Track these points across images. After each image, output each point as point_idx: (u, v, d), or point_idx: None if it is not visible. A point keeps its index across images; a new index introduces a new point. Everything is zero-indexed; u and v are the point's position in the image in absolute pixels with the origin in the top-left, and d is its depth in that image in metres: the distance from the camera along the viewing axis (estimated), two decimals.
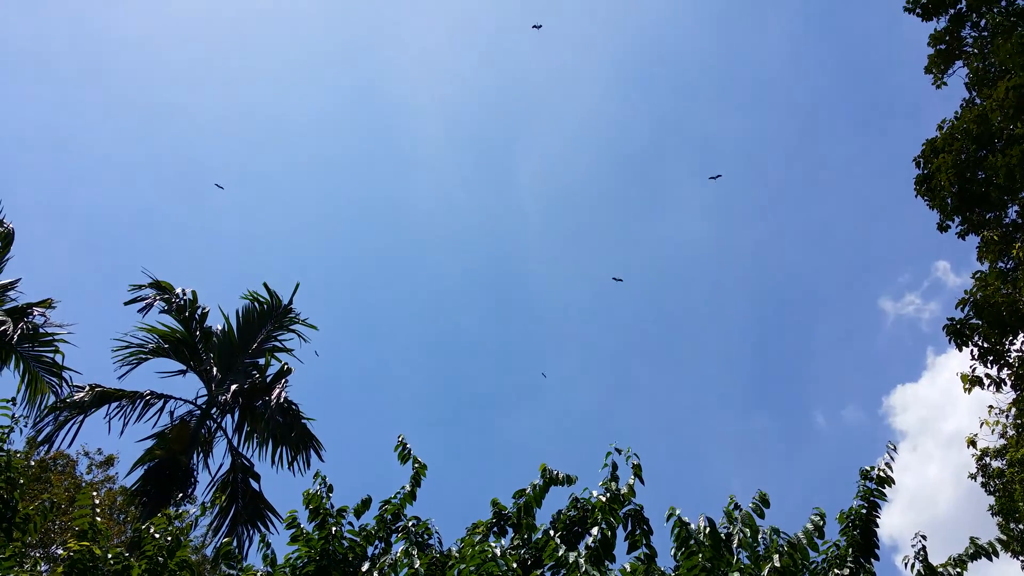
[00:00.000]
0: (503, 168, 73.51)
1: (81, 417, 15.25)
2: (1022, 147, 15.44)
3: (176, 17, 67.64)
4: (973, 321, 16.51)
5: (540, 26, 37.11)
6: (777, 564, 7.12)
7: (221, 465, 17.10)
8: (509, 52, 74.50)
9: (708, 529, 7.52)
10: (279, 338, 19.02)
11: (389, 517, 9.07)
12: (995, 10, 18.20)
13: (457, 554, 7.98)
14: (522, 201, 72.70)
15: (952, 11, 19.38)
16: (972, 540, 8.06)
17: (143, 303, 16.91)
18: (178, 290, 17.49)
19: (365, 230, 71.94)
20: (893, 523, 48.98)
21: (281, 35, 72.12)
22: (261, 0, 71.64)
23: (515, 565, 7.33)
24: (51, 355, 14.52)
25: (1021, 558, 18.11)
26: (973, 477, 19.61)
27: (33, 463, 16.54)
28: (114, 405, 15.55)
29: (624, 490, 8.03)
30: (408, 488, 9.35)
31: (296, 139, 71.22)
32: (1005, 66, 16.82)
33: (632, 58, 74.55)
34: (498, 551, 7.09)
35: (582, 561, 6.83)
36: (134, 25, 65.35)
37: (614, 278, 39.80)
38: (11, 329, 12.79)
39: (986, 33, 18.64)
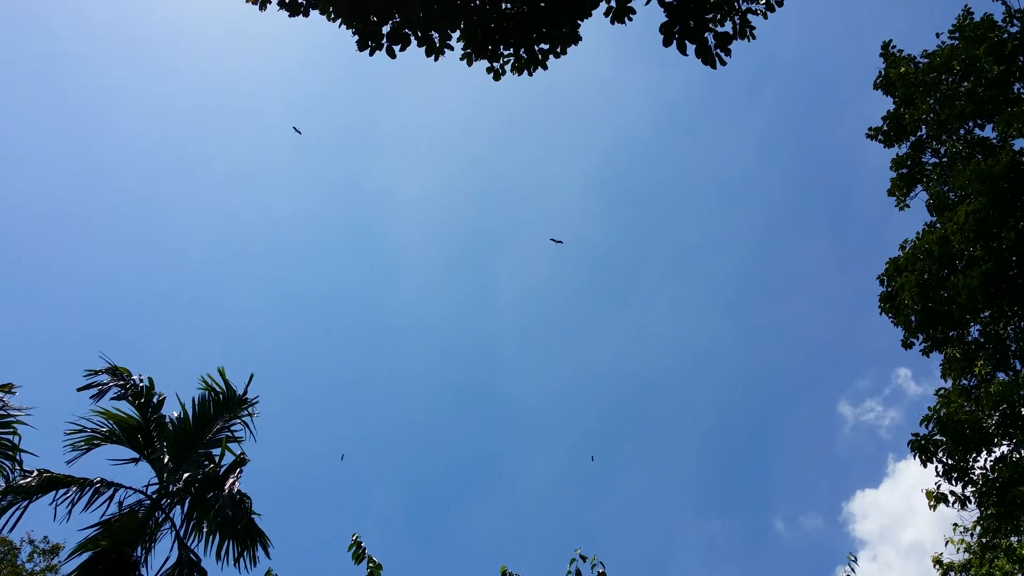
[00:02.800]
0: (480, 267, 74.36)
1: (26, 502, 14.53)
2: (983, 269, 15.94)
3: (159, 116, 68.51)
4: (937, 437, 16.66)
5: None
6: None
7: (167, 559, 16.36)
8: (491, 156, 76.44)
9: None
10: (233, 428, 18.57)
11: None
12: (954, 137, 19.10)
13: None
14: (497, 300, 73.25)
15: (913, 138, 20.30)
16: None
17: (97, 388, 16.47)
18: (135, 376, 17.13)
19: (332, 317, 71.58)
20: None
21: (267, 131, 73.23)
22: (244, 98, 72.95)
23: None
24: (9, 437, 14.00)
25: None
26: None
27: None
28: (62, 491, 14.88)
29: None
30: None
31: (275, 232, 71.49)
32: (964, 191, 17.53)
33: (606, 163, 76.83)
34: None
35: None
36: (125, 123, 66.02)
37: (552, 239, 38.44)
38: None
39: (946, 159, 19.50)
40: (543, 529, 61.60)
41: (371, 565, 9.24)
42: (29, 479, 14.60)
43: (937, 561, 18.92)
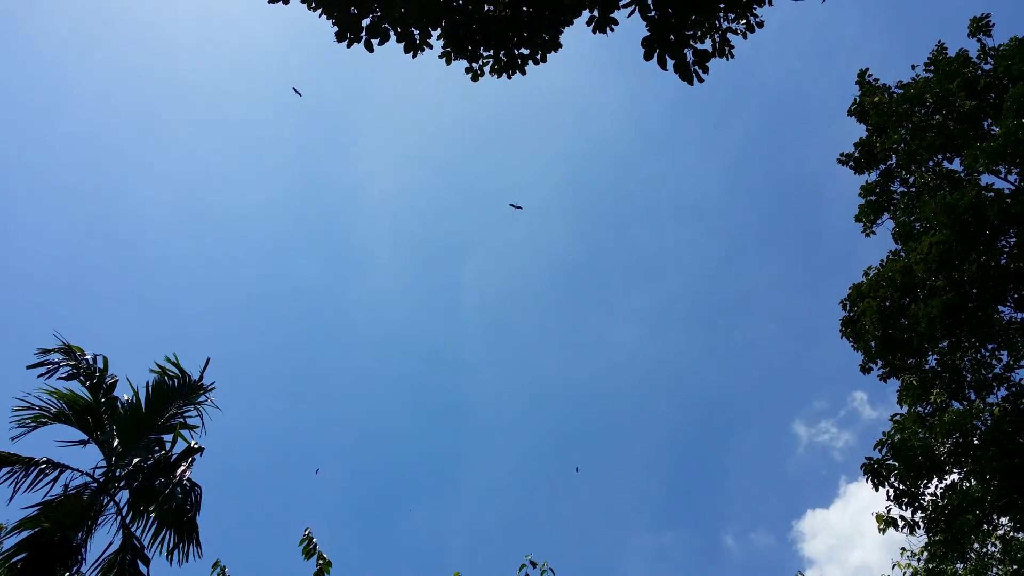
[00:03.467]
0: (445, 268, 74.26)
1: None
2: (943, 299, 16.17)
3: (124, 91, 67.31)
4: (890, 462, 16.86)
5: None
6: None
7: (111, 544, 16.04)
8: (463, 156, 76.47)
9: None
10: (187, 415, 18.25)
11: None
12: (923, 168, 19.39)
13: None
14: (461, 301, 73.14)
15: (883, 166, 20.58)
16: None
17: (47, 367, 16.11)
18: (88, 356, 16.79)
19: (293, 307, 70.95)
20: None
21: (237, 115, 72.42)
22: (215, 80, 72.02)
23: None
24: None
25: None
26: None
27: None
28: (5, 470, 14.53)
29: None
30: None
31: (240, 222, 70.69)
32: (929, 222, 17.80)
33: (577, 171, 77.18)
34: None
35: None
36: (88, 97, 64.86)
37: (512, 205, 38.04)
38: None
39: (914, 189, 19.79)
40: (494, 533, 61.58)
41: (321, 561, 9.11)
42: None
43: None
